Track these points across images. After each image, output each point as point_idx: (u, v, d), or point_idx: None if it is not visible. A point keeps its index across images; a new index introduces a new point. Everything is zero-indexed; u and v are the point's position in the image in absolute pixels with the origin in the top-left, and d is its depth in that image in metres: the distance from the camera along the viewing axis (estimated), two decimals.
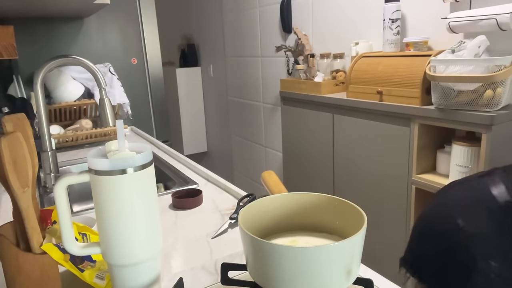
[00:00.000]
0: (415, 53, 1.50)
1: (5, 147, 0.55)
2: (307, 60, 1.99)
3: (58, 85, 2.07)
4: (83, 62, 1.23)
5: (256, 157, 2.98)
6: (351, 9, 1.94)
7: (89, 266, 0.64)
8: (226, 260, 0.80)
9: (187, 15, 3.63)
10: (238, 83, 3.04)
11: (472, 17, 1.29)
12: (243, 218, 0.58)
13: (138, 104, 2.58)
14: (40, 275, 0.60)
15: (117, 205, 0.54)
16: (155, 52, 2.66)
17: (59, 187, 0.54)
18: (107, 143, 0.56)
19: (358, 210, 0.57)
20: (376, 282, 0.65)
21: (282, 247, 0.51)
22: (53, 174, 1.33)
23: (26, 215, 0.59)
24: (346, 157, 1.77)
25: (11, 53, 1.78)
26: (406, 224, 1.53)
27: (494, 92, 1.22)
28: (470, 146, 1.30)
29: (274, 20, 2.49)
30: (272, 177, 0.90)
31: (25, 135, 0.62)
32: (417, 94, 1.41)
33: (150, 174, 0.56)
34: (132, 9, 2.55)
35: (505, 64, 1.20)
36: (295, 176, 2.17)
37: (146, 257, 0.57)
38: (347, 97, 1.71)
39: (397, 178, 1.54)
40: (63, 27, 2.35)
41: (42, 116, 1.26)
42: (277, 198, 0.65)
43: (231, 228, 0.95)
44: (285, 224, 0.65)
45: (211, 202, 1.13)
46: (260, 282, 0.54)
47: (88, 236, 0.69)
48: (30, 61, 2.26)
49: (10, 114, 0.66)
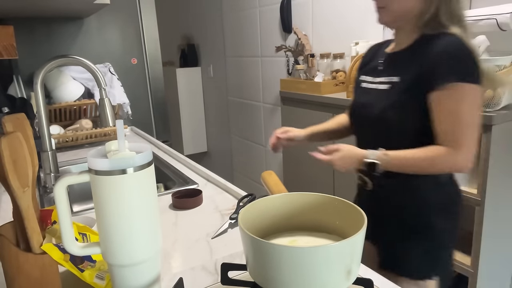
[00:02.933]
0: None
1: (5, 147, 0.55)
2: (307, 60, 1.99)
3: (58, 85, 2.07)
4: (83, 62, 1.23)
5: (256, 157, 2.98)
6: (351, 9, 1.94)
7: (89, 266, 0.64)
8: (226, 260, 0.80)
9: (187, 15, 3.63)
10: (238, 83, 3.04)
11: (472, 17, 1.29)
12: (243, 218, 0.58)
13: (138, 104, 2.58)
14: (40, 275, 0.60)
15: (117, 205, 0.54)
16: (155, 52, 2.66)
17: (59, 187, 0.54)
18: (107, 143, 0.56)
19: (358, 210, 0.57)
20: (376, 282, 0.65)
21: (282, 247, 0.51)
22: (53, 174, 1.33)
23: (26, 215, 0.59)
24: None
25: (11, 53, 1.78)
26: None
27: (494, 92, 1.22)
28: None
29: (274, 20, 2.49)
30: (272, 177, 0.90)
31: (25, 135, 0.62)
32: None
33: (150, 174, 0.56)
34: (132, 9, 2.55)
35: (505, 64, 1.20)
36: (295, 176, 2.17)
37: (146, 257, 0.57)
38: (347, 97, 1.71)
39: None
40: (63, 27, 2.35)
41: (42, 116, 1.26)
42: (277, 198, 0.65)
43: (231, 228, 0.95)
44: (285, 224, 0.65)
45: (211, 202, 1.13)
46: (260, 282, 0.54)
47: (88, 236, 0.69)
48: (30, 61, 2.27)
49: (10, 114, 0.66)
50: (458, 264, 1.37)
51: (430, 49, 0.96)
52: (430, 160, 0.96)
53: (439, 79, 0.93)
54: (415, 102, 0.97)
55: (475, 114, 0.95)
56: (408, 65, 1.00)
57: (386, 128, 1.03)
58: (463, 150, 0.93)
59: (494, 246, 1.35)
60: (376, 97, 1.05)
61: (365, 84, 1.11)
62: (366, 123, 1.09)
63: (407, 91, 0.98)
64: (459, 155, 0.94)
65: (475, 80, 0.93)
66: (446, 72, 0.93)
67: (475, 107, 0.95)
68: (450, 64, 0.93)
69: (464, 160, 0.94)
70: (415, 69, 0.97)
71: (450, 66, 0.93)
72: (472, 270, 1.33)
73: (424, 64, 0.96)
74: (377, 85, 1.06)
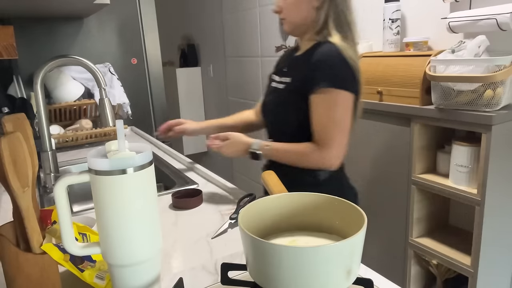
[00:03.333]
0: (415, 53, 1.50)
1: (5, 147, 0.55)
2: None
3: (58, 85, 2.07)
4: (83, 62, 1.23)
5: None
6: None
7: (89, 266, 0.64)
8: (226, 260, 0.80)
9: (187, 15, 3.62)
10: (238, 83, 3.04)
11: (472, 17, 1.29)
12: (243, 218, 0.58)
13: (138, 104, 2.58)
14: (40, 275, 0.60)
15: (117, 205, 0.54)
16: (155, 52, 2.66)
17: (59, 187, 0.54)
18: (107, 143, 0.56)
19: (358, 210, 0.57)
20: (376, 282, 0.65)
21: (282, 247, 0.51)
22: (53, 174, 1.33)
23: (26, 215, 0.59)
24: (346, 157, 1.77)
25: (11, 53, 1.78)
26: (406, 224, 1.53)
27: (494, 92, 1.22)
28: (470, 146, 1.31)
29: (274, 20, 2.49)
30: (272, 177, 0.90)
31: (25, 135, 0.62)
32: (417, 94, 1.41)
33: (150, 174, 0.56)
34: (132, 9, 2.55)
35: (505, 64, 1.20)
36: None
37: (146, 257, 0.57)
38: None
39: (397, 178, 1.54)
40: (63, 27, 2.35)
41: (42, 116, 1.26)
42: (277, 198, 0.65)
43: (231, 228, 0.95)
44: (285, 224, 0.65)
45: (211, 202, 1.13)
46: (260, 282, 0.54)
47: (88, 236, 0.69)
48: (30, 61, 2.26)
49: (10, 114, 0.66)
50: (458, 264, 1.37)
51: (313, 56, 1.07)
52: (300, 154, 1.09)
53: (315, 84, 1.04)
54: (299, 102, 1.09)
55: (345, 118, 1.06)
56: (299, 69, 1.12)
57: (277, 123, 1.18)
58: (330, 150, 1.05)
59: (494, 246, 1.35)
60: (274, 95, 1.20)
61: (273, 83, 1.23)
62: (267, 118, 1.24)
63: (294, 92, 1.11)
64: (326, 154, 1.06)
65: (347, 87, 1.04)
66: (321, 78, 1.04)
67: (345, 111, 1.06)
68: (325, 71, 1.04)
69: (331, 158, 1.07)
70: (302, 73, 1.09)
71: (324, 72, 1.04)
72: (472, 270, 1.33)
73: (307, 69, 1.07)
74: (278, 84, 1.19)
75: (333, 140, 1.05)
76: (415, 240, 1.51)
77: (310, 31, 1.12)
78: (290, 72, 1.16)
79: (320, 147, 1.06)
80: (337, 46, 1.05)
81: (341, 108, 1.05)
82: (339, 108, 1.05)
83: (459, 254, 1.40)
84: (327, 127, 1.05)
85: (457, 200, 1.36)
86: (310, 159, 1.08)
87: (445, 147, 1.45)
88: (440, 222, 1.59)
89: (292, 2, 1.11)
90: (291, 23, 1.14)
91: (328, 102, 1.04)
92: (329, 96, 1.04)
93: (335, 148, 1.06)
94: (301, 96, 1.08)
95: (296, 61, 1.17)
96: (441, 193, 1.39)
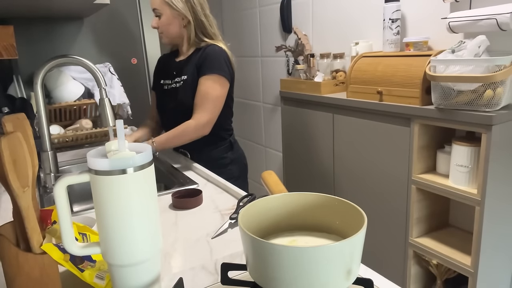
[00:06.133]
0: (415, 53, 1.50)
1: (5, 147, 0.55)
2: (307, 60, 1.99)
3: (58, 85, 2.07)
4: (83, 62, 1.23)
5: (256, 157, 2.97)
6: (351, 9, 1.94)
7: (89, 266, 0.64)
8: (226, 260, 0.80)
9: None
10: (238, 83, 3.03)
11: (472, 17, 1.29)
12: (243, 218, 0.58)
13: (138, 104, 2.57)
14: (40, 275, 0.60)
15: (117, 205, 0.54)
16: (155, 52, 2.65)
17: (59, 187, 0.54)
18: (107, 143, 0.56)
19: (358, 210, 0.57)
20: (376, 282, 0.65)
21: (282, 247, 0.51)
22: (53, 174, 1.33)
23: (26, 215, 0.59)
24: (346, 157, 1.77)
25: (11, 53, 1.78)
26: (406, 224, 1.53)
27: (494, 92, 1.22)
28: (470, 146, 1.31)
29: (274, 20, 2.49)
30: (272, 177, 0.90)
31: (25, 135, 0.62)
32: (417, 94, 1.41)
33: (150, 174, 0.56)
34: (132, 9, 2.55)
35: (505, 64, 1.20)
36: (295, 176, 2.17)
37: (146, 257, 0.57)
38: (347, 97, 1.71)
39: (397, 178, 1.54)
40: (63, 27, 2.35)
41: (42, 116, 1.26)
42: (277, 198, 0.65)
43: (231, 228, 0.95)
44: (285, 224, 0.65)
45: (211, 202, 1.13)
46: (260, 282, 0.54)
47: (88, 236, 0.69)
48: (30, 61, 2.26)
49: (10, 114, 0.66)
50: (458, 264, 1.37)
51: (200, 54, 1.49)
52: (181, 133, 1.44)
53: (201, 71, 1.47)
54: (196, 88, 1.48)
55: (219, 95, 1.47)
56: (190, 66, 1.51)
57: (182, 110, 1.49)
58: (202, 118, 1.44)
59: (494, 246, 1.35)
60: (173, 92, 1.54)
61: (167, 87, 1.59)
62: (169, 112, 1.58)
63: (191, 81, 1.49)
64: (199, 121, 1.43)
65: (225, 74, 1.47)
66: (206, 67, 1.46)
67: (220, 91, 1.47)
68: (210, 62, 1.46)
69: (203, 124, 1.44)
70: (193, 68, 1.49)
71: (209, 63, 1.46)
72: (472, 270, 1.33)
73: (197, 63, 1.48)
74: (174, 84, 1.55)
75: (206, 111, 1.44)
76: (415, 240, 1.51)
77: (186, 42, 1.53)
78: (182, 72, 1.53)
79: (195, 119, 1.43)
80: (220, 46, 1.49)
81: (218, 88, 1.46)
82: (215, 88, 1.45)
83: (459, 254, 1.40)
84: (203, 101, 1.44)
85: (457, 200, 1.36)
86: (189, 131, 1.43)
87: (445, 147, 1.45)
88: (440, 222, 1.59)
89: (165, 23, 1.48)
90: (167, 37, 1.53)
91: (208, 83, 1.45)
92: (210, 79, 1.45)
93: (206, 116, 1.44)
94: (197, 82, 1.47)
95: (183, 64, 1.54)
96: (441, 193, 1.39)
